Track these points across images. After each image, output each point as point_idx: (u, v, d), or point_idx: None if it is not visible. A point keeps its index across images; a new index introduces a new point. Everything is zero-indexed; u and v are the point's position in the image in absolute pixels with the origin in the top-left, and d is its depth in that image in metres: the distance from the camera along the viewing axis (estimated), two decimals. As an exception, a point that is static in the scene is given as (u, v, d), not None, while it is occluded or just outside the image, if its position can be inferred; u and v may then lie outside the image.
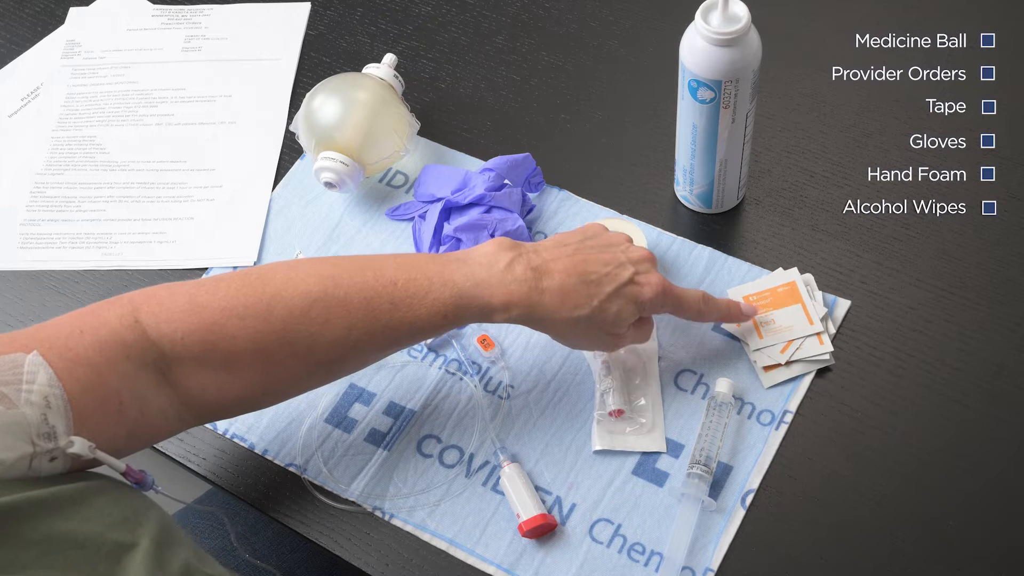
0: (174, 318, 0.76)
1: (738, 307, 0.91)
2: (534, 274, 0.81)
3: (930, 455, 0.86)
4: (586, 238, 0.86)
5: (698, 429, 0.88)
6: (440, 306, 0.80)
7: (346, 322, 0.78)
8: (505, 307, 0.81)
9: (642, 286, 0.84)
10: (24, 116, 1.17)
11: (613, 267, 0.84)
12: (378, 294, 0.79)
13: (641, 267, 0.85)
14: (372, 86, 1.04)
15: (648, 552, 0.84)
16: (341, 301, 0.78)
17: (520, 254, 0.82)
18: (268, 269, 0.81)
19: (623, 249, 0.86)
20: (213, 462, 0.92)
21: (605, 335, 0.85)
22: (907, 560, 0.82)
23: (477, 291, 0.80)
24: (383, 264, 0.81)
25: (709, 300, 0.89)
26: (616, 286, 0.83)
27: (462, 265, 0.82)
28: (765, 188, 1.02)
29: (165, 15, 1.24)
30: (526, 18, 1.19)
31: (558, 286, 0.82)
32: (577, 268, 0.83)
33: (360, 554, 0.86)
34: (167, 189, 1.09)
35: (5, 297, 1.03)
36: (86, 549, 0.62)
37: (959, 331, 0.92)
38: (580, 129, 1.09)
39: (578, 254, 0.84)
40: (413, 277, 0.80)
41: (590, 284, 0.82)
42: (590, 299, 0.82)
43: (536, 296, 0.81)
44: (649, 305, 0.85)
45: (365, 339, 0.79)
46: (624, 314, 0.84)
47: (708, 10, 0.86)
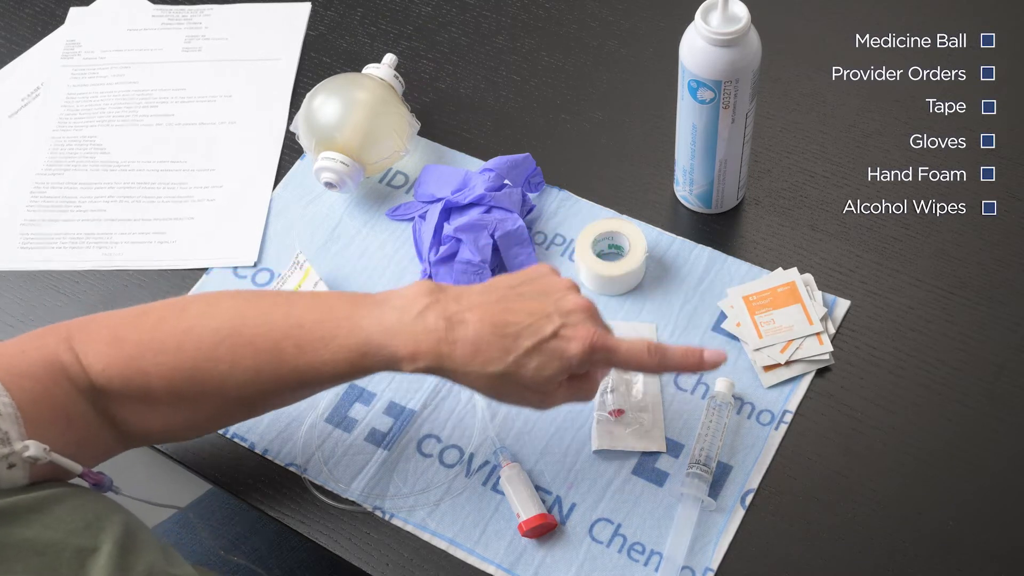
0: (98, 350, 0.76)
1: (698, 355, 0.78)
2: (446, 324, 0.74)
3: (930, 455, 0.86)
4: (520, 283, 0.78)
5: (698, 429, 0.88)
6: (346, 352, 0.75)
7: (253, 363, 0.76)
8: (412, 357, 0.75)
9: (568, 340, 0.75)
10: (24, 116, 1.17)
11: (537, 318, 0.75)
12: (285, 335, 0.76)
13: (571, 319, 0.75)
14: (372, 86, 1.04)
15: (648, 552, 0.84)
16: (249, 341, 0.76)
17: (436, 301, 0.76)
18: (190, 301, 0.80)
19: (556, 298, 0.77)
20: (213, 462, 0.92)
21: (528, 392, 0.76)
22: (907, 560, 0.82)
23: (384, 339, 0.75)
24: (295, 303, 0.78)
25: (658, 351, 0.77)
26: (536, 340, 0.74)
27: (375, 308, 0.76)
28: (765, 188, 1.02)
29: (165, 15, 1.24)
30: (526, 18, 1.19)
31: (471, 338, 0.74)
32: (495, 319, 0.75)
33: (360, 554, 0.86)
34: (167, 189, 1.09)
35: (5, 297, 1.03)
36: (47, 556, 0.62)
37: (959, 331, 0.92)
38: (580, 129, 1.09)
39: (501, 303, 0.76)
40: (321, 319, 0.76)
41: (506, 337, 0.74)
42: (505, 353, 0.74)
43: (446, 348, 0.74)
44: (576, 362, 0.75)
45: (273, 381, 0.77)
46: (546, 371, 0.75)
47: (708, 10, 0.86)
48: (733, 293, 0.95)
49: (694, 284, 0.97)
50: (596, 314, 0.78)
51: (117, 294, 1.02)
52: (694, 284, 0.97)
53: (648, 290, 0.97)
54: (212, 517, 1.09)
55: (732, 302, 0.94)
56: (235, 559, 1.02)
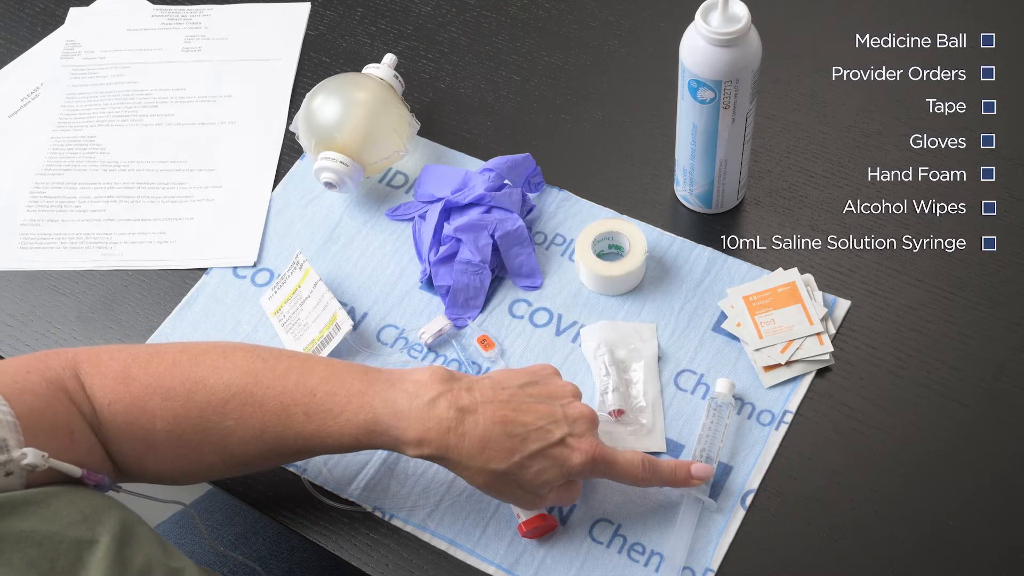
0: (106, 384, 0.77)
1: (687, 469, 0.83)
2: (457, 415, 0.76)
3: (930, 455, 0.86)
4: (528, 383, 0.80)
5: (698, 429, 0.88)
6: (352, 428, 0.77)
7: (259, 422, 0.77)
8: (418, 443, 0.76)
9: (572, 450, 0.78)
10: (24, 116, 1.17)
11: (546, 422, 0.78)
12: (295, 401, 0.77)
13: (576, 428, 0.79)
14: (372, 86, 1.04)
15: (648, 552, 0.84)
16: (259, 401, 0.77)
17: (449, 390, 0.77)
18: (206, 351, 0.80)
19: (564, 403, 0.80)
20: (213, 462, 0.92)
21: (523, 492, 0.79)
22: (907, 560, 0.82)
23: (393, 421, 0.76)
24: (311, 369, 0.79)
25: (651, 465, 0.81)
26: (542, 445, 0.77)
27: (388, 389, 0.78)
28: (765, 188, 1.02)
29: (165, 15, 1.24)
30: (526, 18, 1.19)
31: (480, 434, 0.76)
32: (506, 417, 0.77)
33: (360, 555, 0.86)
34: (167, 189, 1.09)
35: (5, 297, 1.03)
36: (44, 547, 0.62)
37: (959, 331, 0.92)
38: (580, 129, 1.09)
39: (512, 401, 0.78)
40: (334, 391, 0.77)
41: (514, 437, 0.77)
42: (511, 454, 0.76)
43: (454, 440, 0.76)
44: (578, 471, 0.78)
45: (276, 443, 0.78)
46: (546, 476, 0.78)
47: (708, 10, 0.86)
48: (733, 293, 0.95)
49: (694, 284, 0.97)
50: (597, 423, 0.81)
51: (117, 294, 1.02)
52: (694, 284, 0.97)
53: (648, 290, 0.97)
54: (212, 517, 1.09)
55: (732, 302, 0.94)
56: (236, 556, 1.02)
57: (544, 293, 0.98)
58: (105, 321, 1.00)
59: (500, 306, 0.97)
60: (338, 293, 0.99)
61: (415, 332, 0.96)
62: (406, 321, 0.97)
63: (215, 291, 1.02)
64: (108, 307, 1.02)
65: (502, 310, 0.97)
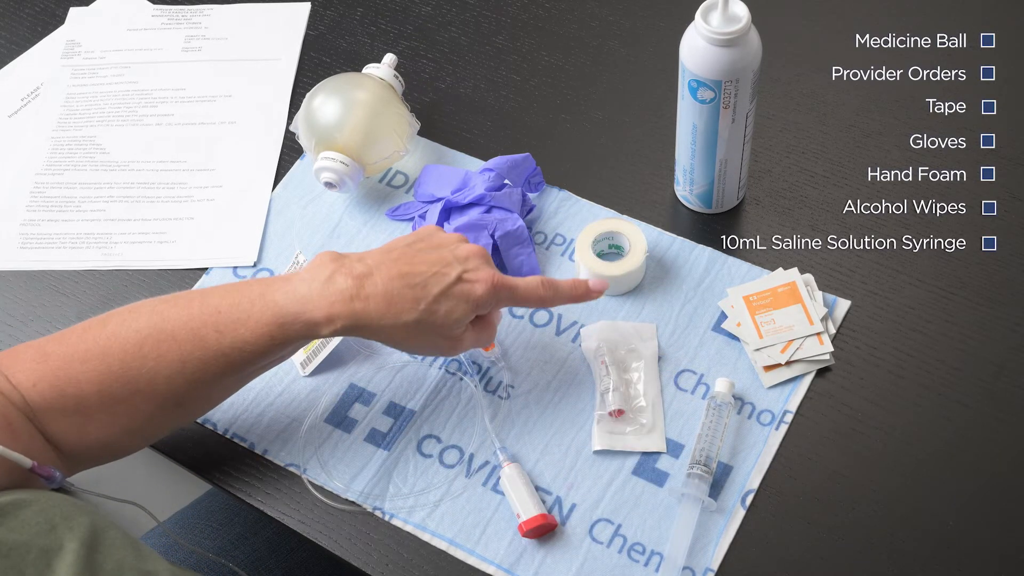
0: (26, 367, 0.79)
1: (585, 284, 0.89)
2: (356, 283, 0.80)
3: (930, 455, 0.86)
4: (415, 241, 0.85)
5: (698, 429, 0.88)
6: (264, 327, 0.80)
7: (178, 355, 0.79)
8: (328, 320, 0.80)
9: (472, 283, 0.82)
10: (24, 116, 1.17)
11: (440, 267, 0.82)
12: (204, 323, 0.80)
13: (470, 264, 0.83)
14: (372, 86, 1.04)
15: (648, 552, 0.84)
16: (170, 334, 0.79)
17: (342, 265, 0.81)
18: (111, 313, 0.83)
19: (452, 248, 0.84)
20: (213, 462, 0.92)
21: (439, 339, 0.83)
22: (907, 560, 0.82)
23: (299, 307, 0.80)
24: (210, 293, 0.82)
25: (550, 284, 0.87)
26: (443, 287, 0.81)
27: (285, 283, 0.81)
28: (765, 188, 1.02)
29: (165, 15, 1.24)
30: (526, 18, 1.19)
31: (382, 292, 0.80)
32: (401, 271, 0.81)
33: (360, 554, 0.86)
34: (167, 189, 1.09)
35: (5, 297, 1.03)
36: (10, 558, 0.63)
37: (959, 331, 0.92)
38: (580, 129, 1.09)
39: (403, 258, 0.82)
40: (236, 302, 0.80)
41: (415, 287, 0.81)
42: (417, 302, 0.81)
43: (359, 305, 0.80)
44: (483, 302, 0.83)
45: (201, 369, 0.80)
46: (456, 314, 0.82)
47: (708, 10, 0.86)
48: (733, 293, 0.95)
49: (694, 284, 0.97)
50: (490, 258, 0.86)
51: (117, 294, 1.02)
52: (694, 284, 0.97)
53: (648, 290, 0.97)
54: (213, 517, 1.09)
55: (732, 302, 0.94)
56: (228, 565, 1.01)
57: (544, 293, 0.98)
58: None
59: (500, 306, 0.97)
60: (338, 293, 0.99)
61: None
62: (406, 321, 0.97)
63: (215, 291, 1.02)
64: (108, 307, 1.01)
65: (502, 310, 0.97)
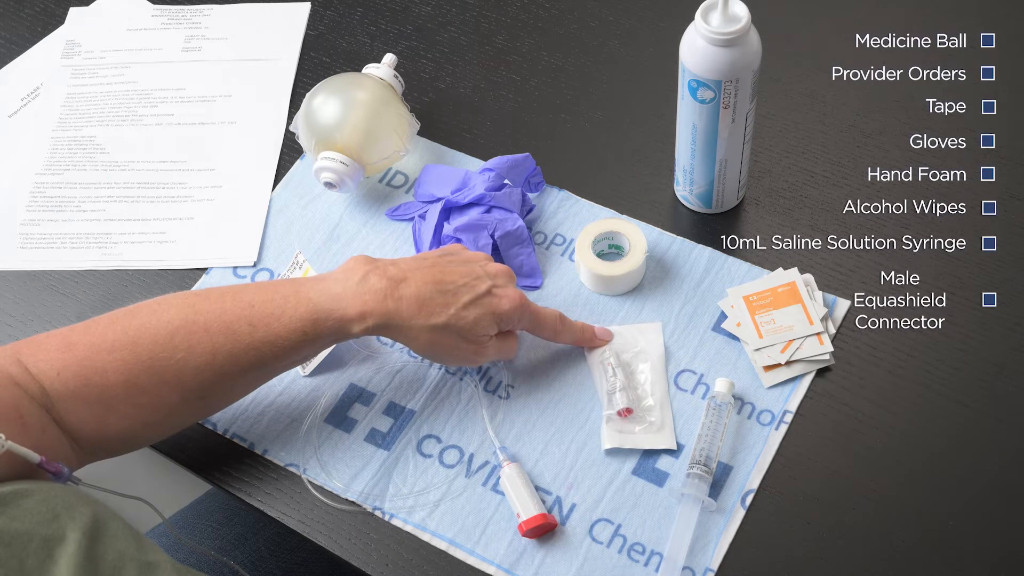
0: (50, 356, 0.79)
1: (592, 331, 0.92)
2: (389, 283, 0.83)
3: (930, 455, 0.86)
4: (446, 253, 0.89)
5: (697, 429, 0.88)
6: (297, 322, 0.81)
7: (209, 347, 0.80)
8: (361, 316, 0.82)
9: (500, 298, 0.86)
10: (24, 116, 1.17)
11: (471, 279, 0.86)
12: (237, 317, 0.81)
13: (499, 280, 0.87)
14: (372, 86, 1.04)
15: (648, 552, 0.84)
16: (202, 327, 0.80)
17: (376, 267, 0.84)
18: (138, 305, 0.83)
19: (482, 264, 0.88)
20: (213, 462, 0.92)
21: (465, 344, 0.86)
22: (907, 560, 0.82)
23: (333, 304, 0.82)
24: (243, 289, 0.83)
25: (565, 321, 0.91)
26: (473, 296, 0.85)
27: (318, 282, 0.84)
28: (765, 188, 1.02)
29: (165, 15, 1.24)
30: (526, 18, 1.19)
31: (414, 294, 0.83)
32: (435, 278, 0.84)
33: (360, 554, 0.86)
34: (167, 189, 1.09)
35: (5, 297, 1.03)
36: (13, 547, 0.63)
37: (959, 331, 0.92)
38: (580, 129, 1.09)
39: (436, 266, 0.86)
40: (270, 298, 0.82)
41: (447, 293, 0.84)
42: (447, 307, 0.84)
43: (392, 304, 0.82)
44: (507, 318, 0.86)
45: (230, 362, 0.81)
46: (482, 323, 0.85)
47: (708, 10, 0.86)
48: (733, 293, 0.95)
49: (694, 284, 0.97)
50: (515, 278, 0.90)
51: (117, 294, 1.02)
52: (694, 284, 0.97)
53: (648, 290, 0.97)
54: (212, 517, 1.09)
55: (732, 302, 0.94)
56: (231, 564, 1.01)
57: (544, 293, 0.98)
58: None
59: (500, 306, 0.97)
60: (338, 293, 0.99)
61: None
62: (406, 321, 0.97)
63: (215, 291, 1.02)
64: (108, 307, 1.01)
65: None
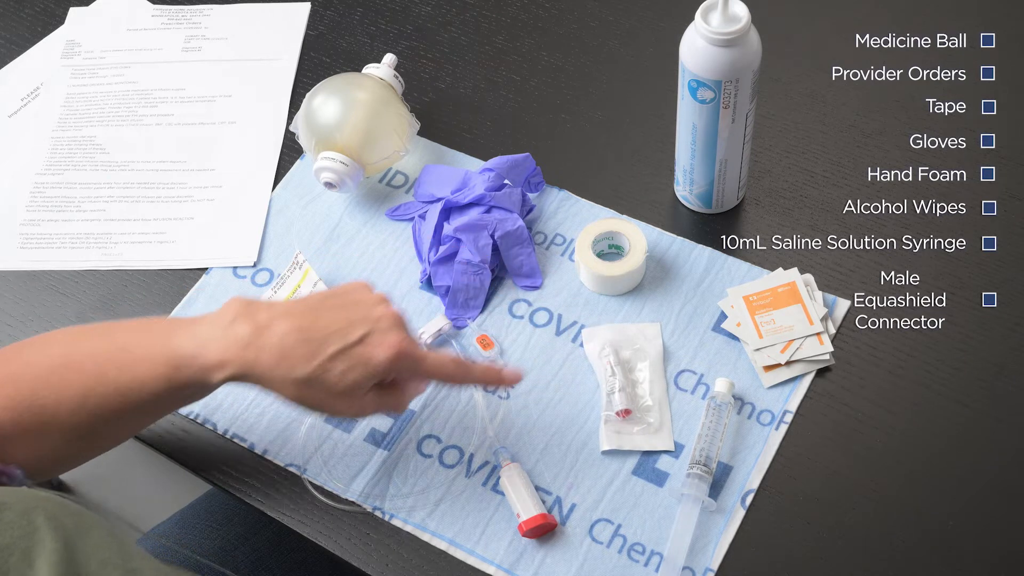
0: None
1: (497, 372, 0.84)
2: (254, 331, 0.77)
3: (930, 455, 0.86)
4: (331, 296, 0.81)
5: (698, 429, 0.88)
6: (160, 367, 0.77)
7: (81, 388, 0.77)
8: (220, 365, 0.77)
9: (375, 347, 0.77)
10: (24, 116, 1.17)
11: (345, 325, 0.78)
12: (109, 359, 0.78)
13: (379, 326, 0.78)
14: (372, 86, 1.04)
15: (648, 552, 0.84)
16: (78, 366, 0.78)
17: (247, 311, 0.78)
18: (35, 339, 0.81)
19: (366, 308, 0.80)
20: (213, 462, 0.92)
21: (335, 399, 0.78)
22: (907, 560, 0.82)
23: (196, 350, 0.77)
24: (121, 328, 0.80)
25: (462, 364, 0.82)
26: (342, 346, 0.77)
27: (192, 324, 0.79)
28: (765, 188, 1.02)
29: (165, 15, 1.24)
30: (526, 18, 1.19)
31: (277, 344, 0.76)
32: (302, 325, 0.77)
33: (360, 554, 0.86)
34: (167, 189, 1.09)
35: (5, 297, 1.03)
36: None
37: (959, 331, 0.92)
38: (580, 129, 1.09)
39: (310, 311, 0.79)
40: (140, 340, 0.78)
41: (312, 342, 0.77)
42: (311, 358, 0.76)
43: (252, 354, 0.76)
44: (383, 368, 0.78)
45: (102, 405, 0.77)
46: (351, 377, 0.77)
47: (708, 10, 0.86)
48: (733, 293, 0.95)
49: (694, 284, 0.97)
50: (404, 324, 0.80)
51: (117, 294, 1.02)
52: (694, 284, 0.97)
53: (648, 290, 0.97)
54: (212, 517, 1.09)
55: (732, 302, 0.95)
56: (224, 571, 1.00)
57: (544, 293, 0.98)
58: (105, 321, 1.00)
59: (500, 306, 0.97)
60: (338, 293, 0.99)
61: (415, 332, 0.96)
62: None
63: (215, 291, 1.02)
64: (108, 307, 1.02)
65: (502, 310, 0.97)
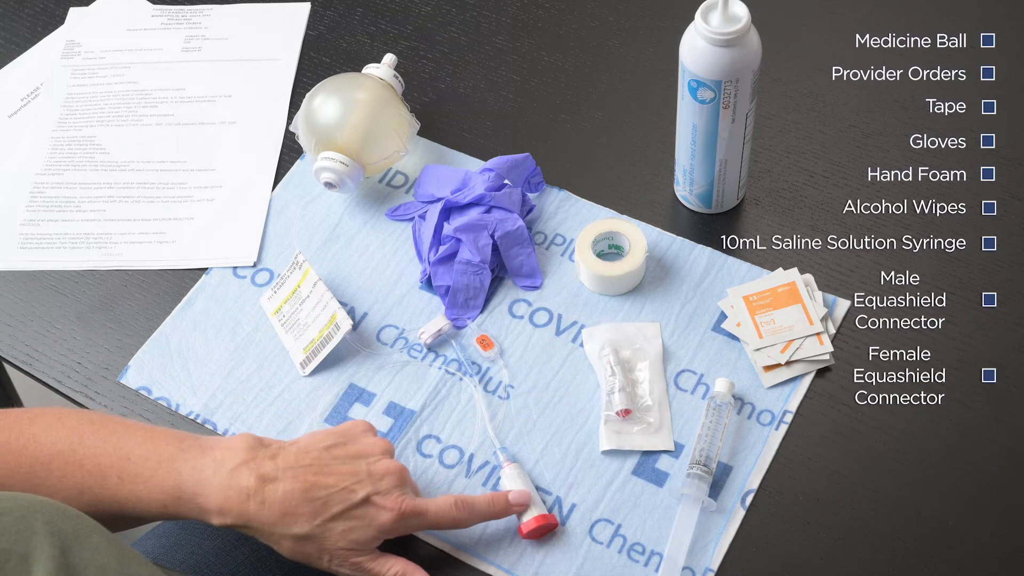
0: None
1: (504, 499, 0.83)
2: (258, 483, 0.77)
3: (930, 455, 0.86)
4: (335, 444, 0.81)
5: (697, 429, 0.88)
6: (160, 493, 0.77)
7: (79, 483, 0.77)
8: (220, 512, 0.77)
9: (379, 509, 0.78)
10: (24, 116, 1.17)
11: (349, 482, 0.78)
12: (112, 464, 0.77)
13: (382, 485, 0.79)
14: (372, 86, 1.04)
15: (648, 552, 0.84)
16: (80, 461, 0.78)
17: (253, 458, 0.78)
18: (43, 410, 0.81)
19: (370, 461, 0.80)
20: (213, 462, 0.92)
21: (336, 559, 0.79)
22: (907, 560, 0.82)
23: (196, 489, 0.77)
24: (131, 433, 0.79)
25: (464, 503, 0.82)
26: (345, 506, 0.78)
27: (198, 455, 0.78)
28: (765, 188, 1.02)
29: (165, 15, 1.24)
30: (526, 18, 1.19)
31: (280, 499, 0.77)
32: (307, 482, 0.78)
33: (360, 554, 0.86)
34: (167, 189, 1.09)
35: (5, 297, 1.03)
36: None
37: (959, 331, 0.92)
38: (580, 129, 1.09)
39: (314, 465, 0.79)
40: (147, 455, 0.78)
41: (315, 501, 0.77)
42: (313, 517, 0.77)
43: (254, 507, 0.77)
44: (387, 529, 0.79)
45: (94, 505, 0.77)
46: (354, 536, 0.78)
47: (708, 10, 0.86)
48: (733, 293, 0.95)
49: (694, 284, 0.97)
50: (407, 478, 0.81)
51: (116, 294, 1.02)
52: (694, 284, 0.97)
53: (648, 290, 0.97)
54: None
55: (732, 302, 0.95)
56: None
57: (544, 293, 0.98)
58: (105, 321, 1.00)
59: (500, 306, 0.97)
60: (338, 293, 0.99)
61: (415, 332, 0.96)
62: (406, 321, 0.97)
63: (215, 291, 1.02)
64: (108, 307, 1.02)
65: (502, 310, 0.97)
